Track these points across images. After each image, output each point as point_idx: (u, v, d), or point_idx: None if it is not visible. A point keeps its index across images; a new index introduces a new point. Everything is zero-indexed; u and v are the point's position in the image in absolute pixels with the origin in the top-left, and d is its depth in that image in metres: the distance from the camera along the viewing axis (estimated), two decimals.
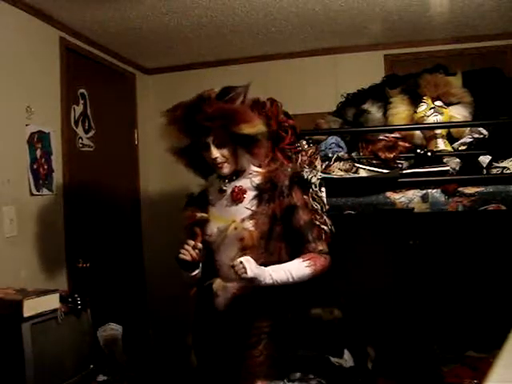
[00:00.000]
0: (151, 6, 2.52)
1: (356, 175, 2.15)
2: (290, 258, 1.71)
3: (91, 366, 2.12)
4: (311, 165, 2.11)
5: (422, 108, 2.38)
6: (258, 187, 1.75)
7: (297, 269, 1.66)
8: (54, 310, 1.92)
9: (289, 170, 1.80)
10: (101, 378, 2.29)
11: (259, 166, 1.83)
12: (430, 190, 2.06)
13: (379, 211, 2.09)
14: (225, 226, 1.72)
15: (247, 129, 1.65)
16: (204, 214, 1.79)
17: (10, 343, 1.76)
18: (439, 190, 2.05)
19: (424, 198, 2.05)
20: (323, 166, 2.16)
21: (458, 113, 2.39)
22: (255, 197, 1.73)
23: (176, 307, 3.37)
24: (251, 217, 1.70)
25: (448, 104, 2.39)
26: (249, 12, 2.65)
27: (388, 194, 2.09)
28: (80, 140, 2.90)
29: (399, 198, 2.08)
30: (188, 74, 3.54)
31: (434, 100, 2.38)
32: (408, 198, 2.07)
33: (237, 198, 1.74)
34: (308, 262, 1.67)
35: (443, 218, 2.46)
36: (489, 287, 2.67)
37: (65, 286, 2.59)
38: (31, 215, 2.42)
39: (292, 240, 1.75)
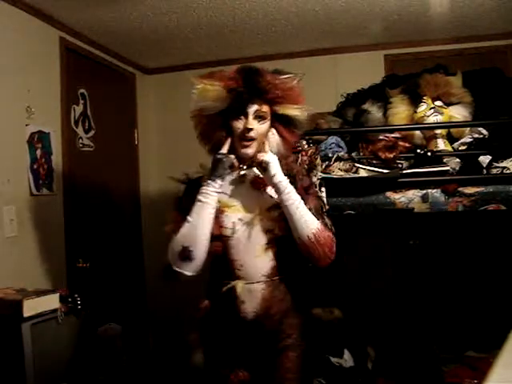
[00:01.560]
0: (151, 6, 2.52)
1: (356, 175, 2.15)
2: None
3: (91, 366, 2.12)
4: (311, 165, 2.11)
5: (422, 108, 2.38)
6: None
7: (309, 217, 1.49)
8: (54, 310, 1.92)
9: (303, 159, 1.73)
10: (101, 378, 2.29)
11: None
12: (429, 190, 2.06)
13: (379, 211, 2.08)
14: (249, 216, 1.53)
15: (295, 110, 1.57)
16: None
17: (10, 343, 1.76)
18: (439, 190, 2.05)
19: (424, 198, 2.05)
20: (323, 166, 2.16)
21: (458, 113, 2.39)
22: None
23: (176, 307, 3.38)
24: (277, 206, 1.54)
25: (448, 104, 2.39)
26: (249, 12, 2.65)
27: (388, 193, 2.09)
28: (80, 140, 2.90)
29: (399, 197, 2.08)
30: (188, 74, 3.54)
31: (434, 100, 2.38)
32: (408, 197, 2.07)
33: (261, 186, 1.57)
34: (319, 227, 1.50)
35: (443, 218, 2.46)
36: (489, 287, 2.67)
37: (65, 286, 2.59)
38: (31, 215, 2.42)
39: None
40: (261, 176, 1.57)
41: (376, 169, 2.16)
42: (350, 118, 2.63)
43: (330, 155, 2.25)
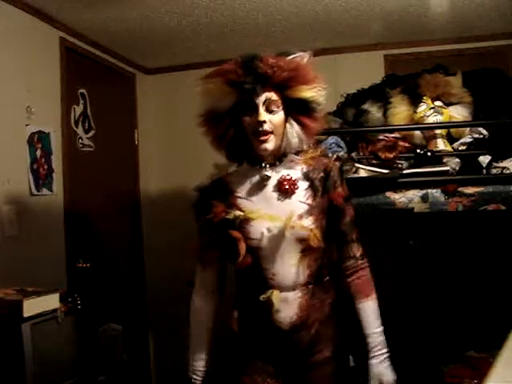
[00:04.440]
0: (151, 6, 2.52)
1: (356, 175, 2.15)
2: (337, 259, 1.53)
3: (91, 366, 2.12)
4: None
5: (422, 108, 2.38)
6: (307, 176, 1.48)
7: (376, 314, 1.55)
8: (54, 310, 1.92)
9: (336, 157, 1.57)
10: (101, 378, 2.29)
11: (297, 154, 1.55)
12: (429, 190, 2.06)
13: (379, 211, 2.08)
14: (279, 225, 1.41)
15: (307, 91, 1.40)
16: (240, 213, 1.44)
17: (9, 343, 1.76)
18: (439, 190, 2.05)
19: (424, 198, 2.05)
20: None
21: (458, 113, 2.39)
22: (308, 188, 1.47)
23: (176, 307, 3.37)
24: (309, 212, 1.43)
25: (448, 104, 2.39)
26: (249, 12, 2.66)
27: (388, 194, 2.09)
28: (80, 140, 2.90)
29: (399, 198, 2.08)
30: (188, 73, 3.54)
31: (433, 100, 2.38)
32: (408, 197, 2.07)
33: (289, 190, 1.44)
34: (371, 296, 1.54)
35: (443, 218, 2.46)
36: (489, 287, 2.66)
37: (65, 286, 2.59)
38: (31, 215, 2.42)
39: (336, 238, 1.53)
40: (287, 177, 1.45)
41: (376, 169, 2.16)
42: (350, 118, 2.63)
43: (330, 155, 2.25)
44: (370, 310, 1.52)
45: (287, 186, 1.44)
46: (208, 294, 1.58)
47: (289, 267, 1.42)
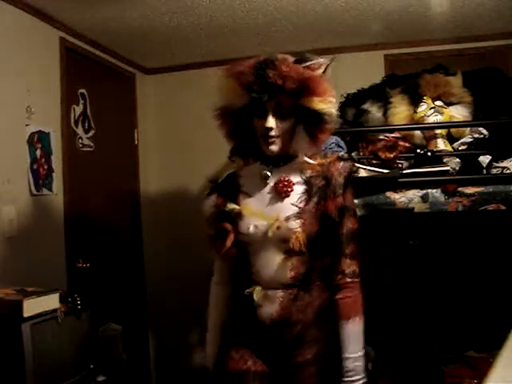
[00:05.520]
0: (151, 6, 2.52)
1: (356, 175, 2.15)
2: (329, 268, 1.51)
3: (91, 366, 2.12)
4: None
5: (422, 108, 2.38)
6: (307, 181, 1.50)
7: (355, 339, 1.45)
8: (54, 310, 1.92)
9: (345, 166, 1.55)
10: (101, 378, 2.29)
11: (310, 157, 1.57)
12: (430, 190, 2.06)
13: (379, 211, 2.08)
14: (266, 224, 1.45)
15: (318, 104, 1.41)
16: (236, 206, 1.51)
17: (9, 343, 1.76)
18: (439, 190, 2.05)
19: (424, 198, 2.05)
20: None
21: (458, 113, 2.39)
22: (304, 192, 1.48)
23: (176, 307, 3.38)
24: (298, 215, 1.44)
25: (448, 104, 2.40)
26: (249, 12, 2.66)
27: (388, 194, 2.09)
28: (80, 140, 2.90)
29: (399, 198, 2.08)
30: (188, 73, 3.55)
31: (434, 100, 2.38)
32: (408, 197, 2.07)
33: (283, 191, 1.48)
34: (353, 318, 1.45)
35: (443, 218, 2.46)
36: (489, 287, 2.67)
37: (65, 286, 2.59)
38: (31, 215, 2.41)
39: (332, 248, 1.50)
40: (285, 179, 1.49)
41: (376, 169, 2.16)
42: (349, 118, 2.63)
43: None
44: (349, 333, 1.46)
45: (282, 188, 1.48)
46: (223, 283, 1.65)
47: (272, 266, 1.46)
